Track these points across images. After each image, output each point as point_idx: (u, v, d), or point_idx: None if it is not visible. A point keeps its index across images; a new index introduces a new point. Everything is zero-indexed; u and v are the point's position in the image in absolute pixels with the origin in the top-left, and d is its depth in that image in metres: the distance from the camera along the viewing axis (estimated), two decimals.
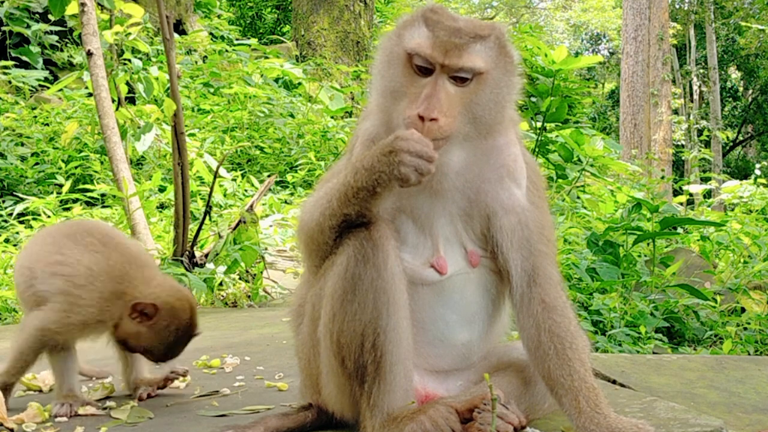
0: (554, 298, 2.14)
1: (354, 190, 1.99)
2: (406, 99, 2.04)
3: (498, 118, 2.11)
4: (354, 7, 16.08)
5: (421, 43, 2.02)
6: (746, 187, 12.24)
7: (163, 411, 2.68)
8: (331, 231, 2.07)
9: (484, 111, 2.07)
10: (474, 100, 2.05)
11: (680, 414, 2.28)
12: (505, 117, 2.14)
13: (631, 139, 22.84)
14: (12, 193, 8.41)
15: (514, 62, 2.12)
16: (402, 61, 2.06)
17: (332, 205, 2.04)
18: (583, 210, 8.88)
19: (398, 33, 2.10)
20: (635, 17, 23.44)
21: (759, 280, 6.38)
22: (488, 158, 2.15)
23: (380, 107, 2.15)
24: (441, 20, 2.05)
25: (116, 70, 7.25)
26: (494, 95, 2.07)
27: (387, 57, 2.11)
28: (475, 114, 2.06)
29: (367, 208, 2.02)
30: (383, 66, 2.12)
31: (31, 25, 11.74)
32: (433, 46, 2.01)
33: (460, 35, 2.02)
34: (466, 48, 2.01)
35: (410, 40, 2.05)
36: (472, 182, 2.14)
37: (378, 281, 2.01)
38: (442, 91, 2.00)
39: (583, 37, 39.47)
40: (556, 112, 9.23)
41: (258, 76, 12.51)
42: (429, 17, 2.06)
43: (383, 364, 2.01)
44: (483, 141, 2.12)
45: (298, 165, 10.41)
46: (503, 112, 2.12)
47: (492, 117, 2.09)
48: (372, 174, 1.96)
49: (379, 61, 2.14)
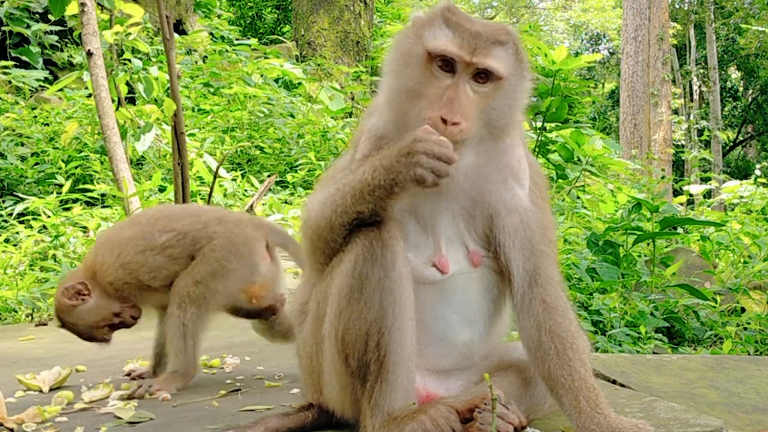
0: (555, 298, 2.14)
1: (371, 187, 1.98)
2: (425, 99, 2.03)
3: (510, 122, 2.12)
4: (354, 7, 16.07)
5: (447, 42, 2.02)
6: (746, 187, 12.24)
7: (163, 411, 2.68)
8: (341, 228, 2.06)
9: (499, 115, 2.08)
10: (491, 104, 2.06)
11: (680, 414, 2.28)
12: (516, 120, 2.16)
13: (631, 139, 22.84)
14: (12, 193, 8.41)
15: (527, 68, 2.14)
16: (421, 60, 2.05)
17: (346, 202, 2.03)
18: (583, 210, 8.88)
19: (417, 32, 2.08)
20: (635, 17, 23.44)
21: (759, 280, 6.38)
22: (493, 159, 2.16)
23: (391, 105, 2.14)
24: (461, 22, 2.05)
25: (116, 70, 7.25)
26: (509, 100, 2.09)
27: (403, 56, 2.09)
28: (490, 117, 2.07)
29: (382, 207, 2.01)
30: (398, 65, 2.10)
31: (31, 25, 11.73)
32: (460, 46, 2.01)
33: (482, 38, 2.03)
34: (491, 49, 2.03)
35: (433, 40, 2.03)
36: (477, 182, 2.14)
37: (385, 281, 2.00)
38: (463, 93, 2.01)
39: (583, 37, 39.46)
40: (556, 112, 9.24)
41: (258, 76, 12.51)
42: (449, 18, 2.06)
43: (386, 364, 2.01)
44: (492, 143, 2.12)
45: (298, 165, 10.41)
46: (515, 116, 2.14)
47: (505, 121, 2.10)
48: (390, 173, 1.96)
49: (393, 59, 2.13)
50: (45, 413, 2.61)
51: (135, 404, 2.77)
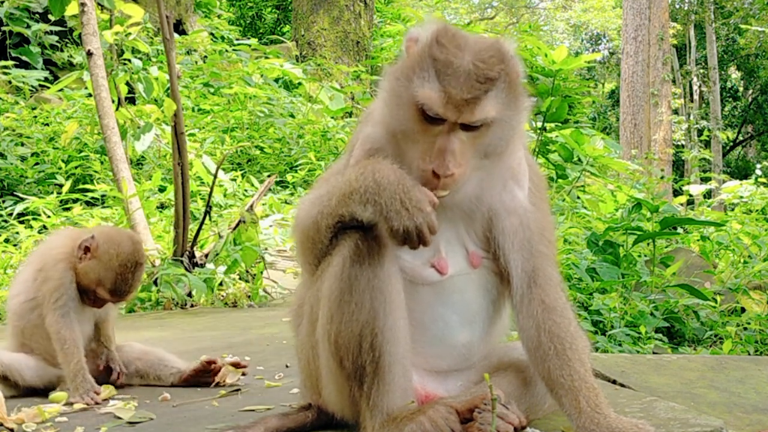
0: (554, 299, 2.14)
1: (350, 190, 1.99)
2: (417, 143, 2.02)
3: (507, 147, 2.11)
4: (354, 7, 16.07)
5: (432, 97, 1.97)
6: (746, 187, 12.24)
7: (163, 411, 2.68)
8: (327, 230, 2.06)
9: (495, 147, 2.06)
10: (485, 141, 2.04)
11: (680, 414, 2.28)
12: (514, 141, 2.14)
13: (631, 139, 22.84)
14: (12, 193, 8.40)
15: (523, 94, 2.08)
16: (412, 107, 2.01)
17: (331, 204, 2.04)
18: (583, 210, 8.88)
19: (407, 75, 2.03)
20: (635, 17, 23.44)
21: (759, 280, 6.38)
22: (494, 167, 2.14)
23: (386, 126, 2.12)
24: (450, 61, 1.97)
25: (116, 70, 7.25)
26: (505, 132, 2.06)
27: (395, 98, 2.06)
28: (486, 151, 2.06)
29: (357, 214, 2.00)
30: (391, 103, 2.07)
31: (31, 25, 11.73)
32: (445, 104, 1.96)
33: (470, 85, 1.96)
34: (479, 102, 1.97)
35: (420, 92, 1.98)
36: (477, 187, 2.14)
37: (374, 281, 2.00)
38: (455, 143, 1.98)
39: (583, 37, 39.45)
40: (556, 112, 9.23)
41: (258, 76, 12.51)
42: (437, 58, 1.98)
43: (382, 365, 2.01)
44: (493, 164, 2.11)
45: (298, 165, 10.41)
46: (514, 139, 2.12)
47: (502, 149, 2.09)
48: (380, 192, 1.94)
49: (386, 95, 2.09)
50: (45, 413, 2.61)
51: (135, 404, 2.77)
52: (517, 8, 41.36)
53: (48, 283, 3.01)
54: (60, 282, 3.00)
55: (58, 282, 3.00)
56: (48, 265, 3.05)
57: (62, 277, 3.01)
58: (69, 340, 2.94)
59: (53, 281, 3.00)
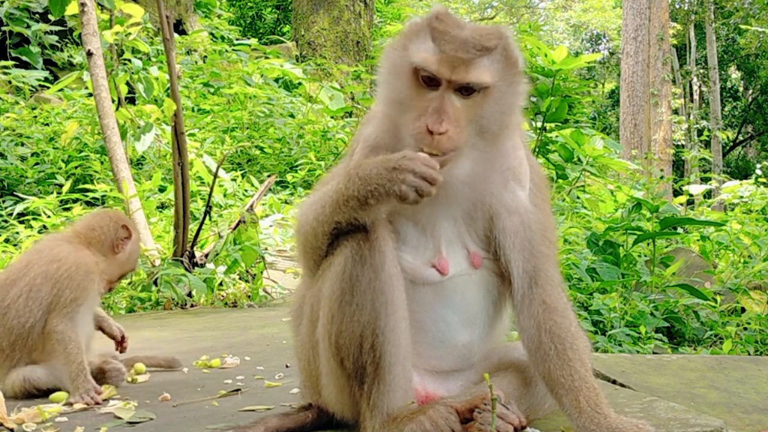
0: (555, 299, 2.14)
1: (345, 198, 1.99)
2: (413, 111, 2.03)
3: (504, 127, 2.11)
4: (354, 7, 16.07)
5: (428, 57, 2.00)
6: (746, 187, 12.23)
7: (163, 411, 2.68)
8: (323, 236, 2.08)
9: (491, 121, 2.06)
10: (480, 112, 2.04)
11: (680, 414, 2.28)
12: (511, 123, 2.14)
13: (631, 139, 22.84)
14: (12, 193, 8.40)
15: (520, 71, 2.11)
16: (408, 73, 2.04)
17: (325, 211, 2.05)
18: (583, 210, 8.88)
19: (404, 44, 2.08)
20: (635, 17, 23.44)
21: (759, 280, 6.38)
22: (494, 163, 2.15)
23: (385, 115, 2.15)
24: (447, 30, 2.03)
25: (116, 70, 7.25)
26: (500, 106, 2.07)
27: (392, 68, 2.09)
28: (481, 125, 2.06)
29: (356, 218, 2.02)
30: (389, 76, 2.10)
31: (31, 25, 11.73)
32: (439, 62, 1.99)
33: (466, 49, 2.00)
34: (473, 63, 2.00)
35: (416, 54, 2.03)
36: (477, 187, 2.14)
37: (375, 282, 2.01)
38: (449, 104, 2.00)
39: (583, 37, 39.46)
40: (556, 112, 9.23)
41: (258, 76, 12.50)
42: (435, 27, 2.04)
43: (382, 365, 2.01)
44: (489, 148, 2.12)
45: (298, 165, 10.41)
46: (509, 120, 2.12)
47: (498, 126, 2.09)
48: (367, 185, 1.96)
49: (384, 70, 2.13)
50: (45, 413, 2.61)
51: (135, 404, 2.77)
52: (517, 8, 41.36)
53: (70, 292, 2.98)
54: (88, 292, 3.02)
55: (86, 292, 3.00)
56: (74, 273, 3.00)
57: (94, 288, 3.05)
58: (73, 341, 2.94)
59: (78, 291, 2.99)
